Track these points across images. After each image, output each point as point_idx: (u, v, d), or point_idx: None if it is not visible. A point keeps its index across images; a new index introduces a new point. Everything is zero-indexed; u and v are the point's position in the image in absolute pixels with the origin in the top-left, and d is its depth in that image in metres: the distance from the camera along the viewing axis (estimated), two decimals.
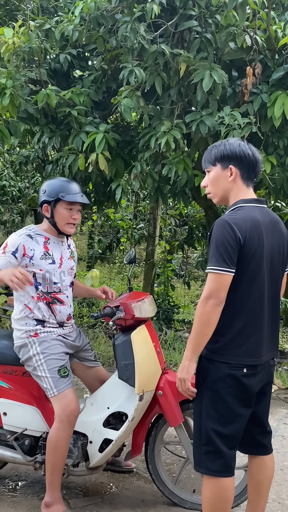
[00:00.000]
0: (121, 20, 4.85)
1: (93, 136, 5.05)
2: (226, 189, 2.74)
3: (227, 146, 2.72)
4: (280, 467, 4.08)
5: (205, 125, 4.74)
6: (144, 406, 3.20)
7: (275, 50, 4.98)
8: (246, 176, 2.73)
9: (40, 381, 3.25)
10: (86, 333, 7.08)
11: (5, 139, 5.21)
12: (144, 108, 4.95)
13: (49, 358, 3.24)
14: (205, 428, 2.62)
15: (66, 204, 3.34)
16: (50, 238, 3.40)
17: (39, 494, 3.53)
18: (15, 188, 13.14)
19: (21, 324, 3.33)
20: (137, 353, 3.14)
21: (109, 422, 3.31)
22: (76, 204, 3.38)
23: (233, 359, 2.56)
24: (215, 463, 2.61)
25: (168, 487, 3.45)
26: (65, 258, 3.46)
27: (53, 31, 5.26)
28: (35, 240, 3.32)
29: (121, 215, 11.82)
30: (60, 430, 3.16)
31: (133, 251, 3.60)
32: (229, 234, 2.50)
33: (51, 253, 3.36)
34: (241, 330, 2.57)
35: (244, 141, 2.77)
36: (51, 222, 3.39)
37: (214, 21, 4.95)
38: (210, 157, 2.78)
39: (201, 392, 2.65)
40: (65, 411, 3.17)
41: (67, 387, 3.23)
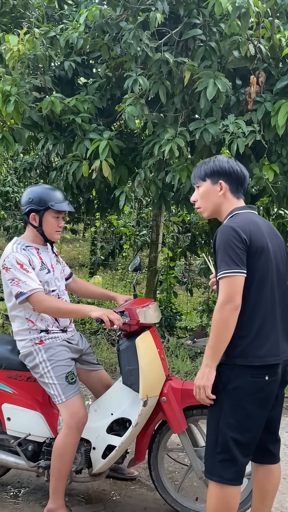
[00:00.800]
0: (125, 28, 4.88)
1: (97, 143, 5.07)
2: (216, 203, 2.81)
3: (216, 162, 2.81)
4: (283, 476, 4.07)
5: (208, 133, 4.75)
6: (148, 412, 3.20)
7: (279, 59, 5.00)
8: (235, 190, 2.81)
9: (48, 388, 3.25)
10: (88, 339, 7.08)
11: (9, 146, 5.23)
12: (148, 115, 4.97)
13: (56, 365, 3.24)
14: (223, 436, 2.59)
15: (54, 212, 3.32)
16: (39, 247, 3.39)
17: (41, 501, 3.53)
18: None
19: (25, 335, 3.32)
20: (142, 358, 3.15)
21: (112, 429, 3.31)
22: (62, 212, 3.37)
23: (256, 360, 2.55)
24: (229, 471, 2.60)
25: (171, 494, 3.44)
26: (54, 264, 3.47)
27: (58, 38, 5.29)
28: (31, 253, 3.31)
29: (124, 221, 11.83)
30: (68, 437, 3.16)
31: (138, 259, 3.61)
32: (234, 236, 2.54)
33: (45, 262, 3.36)
34: (260, 330, 2.57)
35: (232, 158, 2.86)
36: (39, 231, 3.36)
37: (218, 29, 4.99)
38: (200, 172, 2.85)
39: (220, 400, 2.63)
40: (74, 418, 3.17)
41: (75, 394, 3.23)
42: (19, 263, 3.18)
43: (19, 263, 3.18)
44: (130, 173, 5.65)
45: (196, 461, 3.28)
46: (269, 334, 2.58)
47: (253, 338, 2.56)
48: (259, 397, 2.58)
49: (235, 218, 2.69)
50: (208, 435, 2.70)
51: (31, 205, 3.31)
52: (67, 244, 15.75)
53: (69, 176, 5.42)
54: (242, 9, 4.36)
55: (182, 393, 3.26)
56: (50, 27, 5.42)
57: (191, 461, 3.30)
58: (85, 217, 10.74)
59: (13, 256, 3.21)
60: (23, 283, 3.14)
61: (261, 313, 2.58)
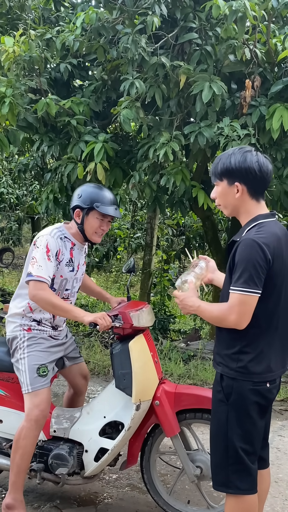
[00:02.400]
0: (122, 31, 4.89)
1: (92, 145, 5.07)
2: (234, 205, 2.64)
3: (232, 160, 2.57)
4: (275, 479, 4.07)
5: (203, 137, 4.77)
6: (140, 415, 3.20)
7: (274, 63, 5.03)
8: (253, 192, 2.59)
9: (19, 374, 3.24)
10: (81, 341, 7.07)
11: (4, 147, 5.23)
12: (143, 119, 4.98)
13: (32, 355, 3.23)
14: (233, 447, 2.55)
15: (99, 214, 3.28)
16: (76, 244, 3.38)
17: (32, 503, 3.52)
18: (13, 195, 13.16)
19: (18, 318, 3.33)
20: (135, 362, 3.13)
21: (105, 431, 3.30)
22: (107, 215, 3.33)
23: (255, 377, 2.52)
24: (245, 481, 2.57)
25: (162, 497, 3.43)
26: (81, 264, 3.47)
27: (54, 40, 5.30)
28: (65, 245, 3.30)
29: (118, 224, 11.83)
30: (27, 430, 3.13)
31: (132, 260, 3.60)
32: (259, 255, 2.41)
33: (73, 260, 3.36)
34: (264, 350, 2.53)
35: (253, 152, 2.59)
36: (79, 229, 3.34)
37: (214, 33, 5.01)
38: (216, 171, 2.65)
39: (225, 412, 2.58)
40: (34, 410, 3.14)
41: (43, 387, 3.20)
42: (48, 247, 3.18)
43: (48, 247, 3.18)
44: (125, 175, 5.66)
45: (189, 464, 3.28)
46: (272, 354, 2.56)
47: (256, 357, 2.52)
48: (261, 405, 2.57)
49: (260, 230, 2.50)
50: (216, 448, 2.65)
51: (78, 201, 3.31)
52: None
53: (64, 178, 5.42)
54: (239, 13, 4.38)
55: (175, 396, 3.26)
56: (46, 29, 5.43)
57: (184, 464, 3.30)
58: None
59: (46, 238, 3.21)
60: (37, 266, 3.13)
61: (271, 333, 2.54)
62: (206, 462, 3.29)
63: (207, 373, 6.18)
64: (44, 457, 3.33)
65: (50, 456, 3.28)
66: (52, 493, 3.66)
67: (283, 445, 4.70)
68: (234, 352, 2.54)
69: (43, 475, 3.33)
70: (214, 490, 2.71)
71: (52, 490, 3.69)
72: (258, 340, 2.52)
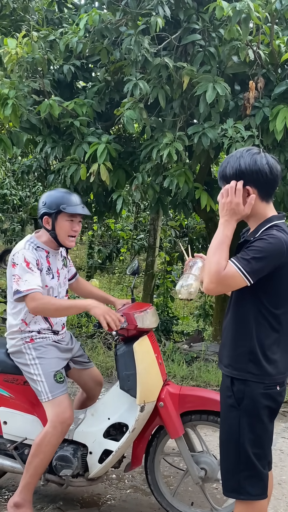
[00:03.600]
0: (125, 33, 4.90)
1: (95, 146, 5.07)
2: None
3: (242, 163, 2.48)
4: (278, 481, 4.06)
5: (207, 138, 4.76)
6: (145, 417, 3.19)
7: (277, 65, 5.03)
8: (263, 195, 2.53)
9: (35, 384, 3.23)
10: (84, 343, 7.06)
11: (7, 149, 5.23)
12: (146, 120, 4.98)
13: (45, 363, 3.23)
14: (245, 453, 2.52)
15: (67, 216, 3.28)
16: (50, 251, 3.37)
17: (36, 505, 3.51)
18: (16, 197, 13.18)
19: (17, 334, 3.32)
20: (139, 363, 3.13)
21: (109, 433, 3.29)
22: (77, 216, 3.33)
23: (267, 378, 2.49)
24: (257, 487, 2.54)
25: (166, 499, 3.43)
26: (59, 269, 3.45)
27: (58, 42, 5.31)
28: (40, 255, 3.29)
29: (121, 225, 11.85)
30: (51, 436, 3.13)
31: (136, 262, 3.60)
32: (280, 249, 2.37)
33: (51, 267, 3.35)
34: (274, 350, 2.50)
35: (261, 153, 2.52)
36: (52, 235, 3.33)
37: (217, 35, 5.01)
38: (225, 174, 2.55)
39: (236, 417, 2.54)
40: (59, 417, 3.14)
41: (63, 393, 3.21)
42: (26, 261, 3.16)
43: (26, 261, 3.16)
44: (128, 177, 5.66)
45: (193, 466, 3.27)
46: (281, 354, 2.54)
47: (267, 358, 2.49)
48: (272, 408, 2.54)
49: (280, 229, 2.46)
50: (227, 454, 2.61)
51: (44, 208, 3.30)
52: None
53: (67, 180, 5.42)
54: (243, 14, 4.38)
55: (180, 398, 3.25)
56: (49, 30, 5.43)
57: (188, 466, 3.29)
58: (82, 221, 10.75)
59: (22, 253, 3.20)
60: (23, 281, 3.11)
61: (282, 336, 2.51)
62: (210, 464, 3.29)
63: (210, 375, 6.17)
64: None
65: (54, 457, 3.28)
66: (55, 495, 3.66)
67: (287, 447, 4.69)
68: (244, 353, 2.50)
69: (47, 477, 3.33)
70: (217, 492, 2.70)
71: (55, 491, 3.68)
72: (268, 340, 2.49)
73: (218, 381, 6.07)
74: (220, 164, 2.62)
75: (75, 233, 3.35)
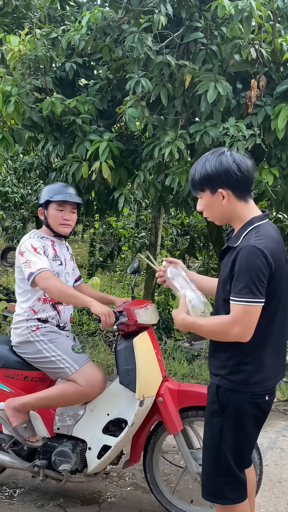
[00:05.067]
0: (127, 30, 4.89)
1: (97, 144, 5.07)
2: (224, 212, 2.53)
3: (208, 167, 2.45)
4: (279, 480, 4.07)
5: (209, 136, 4.76)
6: (144, 412, 3.20)
7: (280, 63, 5.01)
8: (239, 194, 2.49)
9: (55, 364, 3.24)
10: (86, 340, 7.08)
11: (9, 146, 5.23)
12: (148, 118, 4.98)
13: (58, 342, 3.30)
14: (225, 459, 2.52)
15: (57, 205, 3.41)
16: (55, 241, 3.49)
17: (36, 502, 3.53)
18: (17, 194, 13.18)
19: (23, 323, 3.38)
20: (139, 358, 3.16)
21: (108, 429, 3.32)
22: (67, 205, 3.43)
23: (257, 386, 2.47)
24: (236, 491, 2.56)
25: (166, 497, 3.44)
26: (67, 259, 3.56)
27: (60, 39, 5.30)
28: (46, 243, 3.41)
29: (123, 223, 11.84)
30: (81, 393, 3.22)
31: (137, 261, 3.64)
32: (263, 262, 2.33)
33: (58, 254, 3.46)
34: (266, 358, 2.48)
35: (227, 152, 2.47)
36: (45, 224, 3.48)
37: (219, 33, 4.99)
38: (195, 182, 2.53)
39: (220, 423, 2.53)
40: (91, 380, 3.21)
41: (88, 360, 3.28)
42: (33, 247, 3.29)
43: (33, 247, 3.29)
44: (129, 175, 5.66)
45: (191, 462, 3.28)
46: (273, 361, 2.52)
47: (258, 366, 2.46)
48: (258, 417, 2.53)
49: (259, 235, 2.40)
50: (207, 459, 2.62)
51: (39, 200, 3.47)
52: None
53: (69, 177, 5.42)
54: (245, 12, 4.37)
55: (179, 394, 3.27)
56: (52, 28, 5.43)
57: (186, 462, 3.30)
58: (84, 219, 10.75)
59: (28, 241, 3.33)
60: (34, 263, 3.21)
61: (272, 341, 2.49)
62: None
63: None
64: (47, 454, 3.35)
65: (53, 453, 3.30)
66: (55, 492, 3.67)
67: (287, 445, 4.70)
68: (234, 364, 2.48)
69: (46, 472, 3.35)
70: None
71: (55, 488, 3.70)
72: (260, 350, 2.46)
73: None
74: (189, 174, 2.58)
75: (65, 222, 3.45)
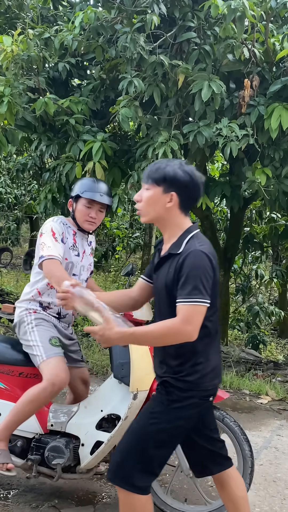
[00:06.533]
0: (120, 30, 4.89)
1: (91, 144, 5.06)
2: (160, 214, 2.57)
3: (171, 169, 2.52)
4: (273, 479, 4.07)
5: (202, 136, 4.76)
6: (137, 405, 3.19)
7: (273, 63, 5.03)
8: (184, 206, 2.57)
9: (32, 351, 3.29)
10: (80, 341, 7.05)
11: (2, 147, 5.22)
12: (142, 118, 4.98)
13: (41, 329, 3.34)
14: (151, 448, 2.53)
15: (86, 201, 3.40)
16: (77, 232, 3.50)
17: (31, 503, 3.51)
18: (11, 195, 13.15)
19: (25, 303, 3.44)
20: (133, 352, 3.18)
21: (101, 426, 3.32)
22: (95, 203, 3.42)
23: (210, 385, 2.57)
24: (143, 482, 2.56)
25: (159, 497, 3.43)
26: (87, 253, 3.57)
27: (53, 40, 5.29)
28: (67, 230, 3.42)
29: (117, 223, 11.84)
30: (41, 390, 3.16)
31: (131, 265, 3.67)
32: (208, 265, 2.44)
33: (77, 245, 3.47)
34: (214, 356, 2.59)
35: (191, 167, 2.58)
36: (72, 217, 3.49)
37: (212, 33, 5.00)
38: (153, 174, 2.56)
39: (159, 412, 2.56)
40: (52, 377, 3.16)
41: (57, 355, 3.26)
42: (53, 231, 3.30)
43: (53, 231, 3.30)
44: (123, 175, 5.66)
45: (183, 458, 3.28)
46: (218, 360, 2.63)
47: (209, 365, 2.55)
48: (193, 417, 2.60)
49: (201, 241, 2.52)
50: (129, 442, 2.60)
51: (72, 193, 3.48)
52: None
53: (62, 178, 5.42)
54: (238, 12, 4.38)
55: None
56: (44, 28, 5.42)
57: (179, 459, 3.30)
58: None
59: (50, 224, 3.34)
60: (47, 248, 3.22)
61: (216, 339, 2.60)
62: None
63: None
64: (41, 450, 3.35)
65: (46, 448, 3.30)
66: (50, 493, 3.66)
67: (281, 445, 4.71)
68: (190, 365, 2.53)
69: (39, 469, 3.34)
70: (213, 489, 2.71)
71: (50, 489, 3.68)
72: (208, 348, 2.55)
73: None
74: (150, 165, 2.63)
75: (91, 219, 3.45)
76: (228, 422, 3.28)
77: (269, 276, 8.40)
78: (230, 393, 5.86)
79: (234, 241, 7.16)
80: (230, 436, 3.29)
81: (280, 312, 8.25)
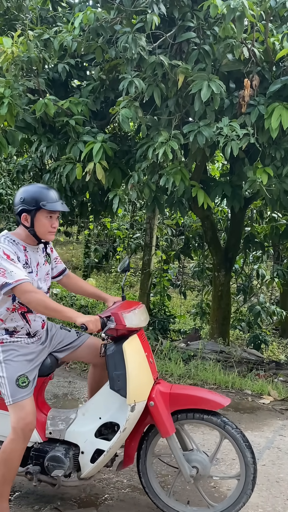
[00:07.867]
0: (120, 31, 4.88)
1: (91, 145, 5.06)
2: None
3: None
4: (276, 479, 4.06)
5: (202, 136, 4.75)
6: (136, 416, 3.17)
7: (272, 62, 5.02)
8: None
9: (0, 387, 3.19)
10: None
11: (2, 148, 5.22)
12: (142, 118, 4.97)
13: (10, 365, 3.17)
14: None
15: (47, 212, 3.20)
16: (27, 246, 3.28)
17: (33, 505, 3.51)
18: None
19: None
20: (129, 363, 3.10)
21: (101, 432, 3.28)
22: (55, 212, 3.25)
23: None
24: None
25: (162, 499, 3.42)
26: (41, 264, 3.37)
27: (52, 41, 5.29)
28: (18, 248, 3.22)
29: (117, 224, 11.82)
30: (14, 443, 3.08)
31: (127, 259, 3.57)
32: None
33: (29, 261, 3.27)
34: None
35: None
36: (31, 232, 3.24)
37: (212, 32, 4.99)
38: None
39: None
40: (19, 423, 3.09)
41: (24, 398, 3.14)
42: (6, 254, 3.09)
43: (6, 254, 3.09)
44: (123, 175, 5.65)
45: (184, 465, 3.26)
46: None
47: None
48: None
49: None
50: None
51: (22, 205, 3.20)
52: (61, 247, 15.73)
53: (63, 179, 5.41)
54: (237, 11, 4.37)
55: (170, 397, 3.23)
56: (44, 29, 5.42)
57: (179, 465, 3.28)
58: (78, 220, 10.74)
59: (0, 247, 3.13)
60: (9, 273, 3.04)
61: None
62: (201, 461, 3.29)
63: (207, 373, 6.17)
64: (40, 459, 3.30)
65: (46, 458, 3.27)
66: (52, 495, 3.65)
67: (284, 445, 4.69)
68: None
69: (40, 477, 3.32)
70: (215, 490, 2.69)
71: (52, 492, 3.68)
72: None
73: (215, 379, 6.08)
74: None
75: (54, 230, 3.27)
76: (230, 429, 3.22)
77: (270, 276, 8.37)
78: (232, 394, 5.84)
79: (235, 241, 7.14)
80: (232, 443, 3.24)
81: (282, 312, 8.23)
